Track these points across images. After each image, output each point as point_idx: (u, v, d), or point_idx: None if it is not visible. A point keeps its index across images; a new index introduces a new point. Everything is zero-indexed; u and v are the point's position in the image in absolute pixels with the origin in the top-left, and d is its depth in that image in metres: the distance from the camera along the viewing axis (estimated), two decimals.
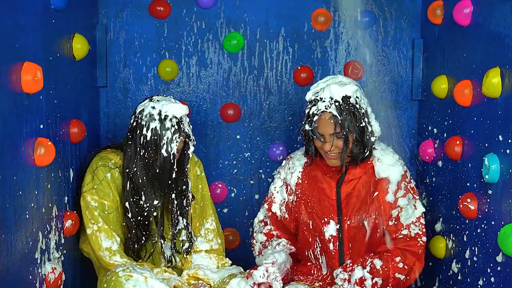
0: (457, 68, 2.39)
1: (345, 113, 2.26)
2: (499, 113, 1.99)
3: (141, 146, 2.31)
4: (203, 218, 2.55)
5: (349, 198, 2.39)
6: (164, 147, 2.28)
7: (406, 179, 2.42)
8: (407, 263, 2.34)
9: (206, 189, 2.59)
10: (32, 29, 1.98)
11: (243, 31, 2.90)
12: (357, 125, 2.28)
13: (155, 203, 2.36)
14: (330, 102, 2.27)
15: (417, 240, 2.38)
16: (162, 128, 2.29)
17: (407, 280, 2.36)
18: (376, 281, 2.29)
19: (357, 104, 2.29)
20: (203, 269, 2.42)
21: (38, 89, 1.93)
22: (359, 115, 2.29)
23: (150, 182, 2.34)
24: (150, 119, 2.30)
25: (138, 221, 2.36)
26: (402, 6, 2.89)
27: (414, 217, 2.39)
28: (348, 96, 2.28)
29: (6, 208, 1.75)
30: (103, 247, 2.30)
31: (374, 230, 2.38)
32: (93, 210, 2.31)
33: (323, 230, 2.39)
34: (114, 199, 2.36)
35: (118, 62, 2.87)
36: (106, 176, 2.35)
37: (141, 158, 2.32)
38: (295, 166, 2.49)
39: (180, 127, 2.31)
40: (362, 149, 2.34)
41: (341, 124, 2.26)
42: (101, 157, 2.41)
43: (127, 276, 2.11)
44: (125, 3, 2.85)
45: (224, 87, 2.93)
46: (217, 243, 2.54)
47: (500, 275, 1.98)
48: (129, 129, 2.38)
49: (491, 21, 2.08)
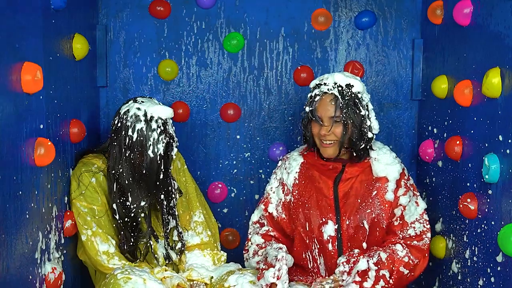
0: (457, 68, 2.39)
1: (347, 98, 2.29)
2: (499, 113, 1.99)
3: (127, 147, 2.31)
4: (191, 211, 2.55)
5: (347, 198, 2.39)
6: (151, 148, 2.29)
7: (405, 177, 2.43)
8: (412, 258, 2.34)
9: (190, 182, 2.58)
10: (32, 29, 1.98)
11: (243, 31, 2.90)
12: (358, 113, 2.30)
13: (142, 204, 2.36)
14: (333, 86, 2.32)
15: (423, 237, 2.38)
16: (148, 129, 2.29)
17: (411, 276, 2.35)
18: (383, 273, 2.27)
19: (359, 94, 2.33)
20: (196, 270, 2.40)
21: (38, 89, 1.93)
22: (361, 104, 2.32)
23: (137, 183, 2.34)
24: (135, 120, 2.30)
25: (126, 222, 2.36)
26: (402, 6, 2.89)
27: (417, 214, 2.39)
28: (351, 85, 2.32)
29: (6, 208, 1.75)
30: (100, 251, 2.29)
31: (374, 229, 2.38)
32: (85, 215, 2.31)
33: (322, 231, 2.38)
34: (102, 203, 2.35)
35: (118, 62, 2.87)
36: (91, 181, 2.34)
37: (127, 159, 2.31)
38: (292, 166, 2.49)
39: (166, 128, 2.32)
40: (359, 141, 2.33)
41: (341, 108, 2.28)
42: (84, 162, 2.40)
43: (126, 279, 2.10)
44: (125, 3, 2.85)
45: (224, 87, 2.93)
46: (206, 235, 2.53)
47: (500, 275, 1.98)
48: (112, 129, 2.37)
49: (491, 21, 2.08)
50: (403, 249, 2.33)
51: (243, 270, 2.36)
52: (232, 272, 2.35)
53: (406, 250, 2.33)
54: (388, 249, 2.34)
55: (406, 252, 2.33)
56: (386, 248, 2.34)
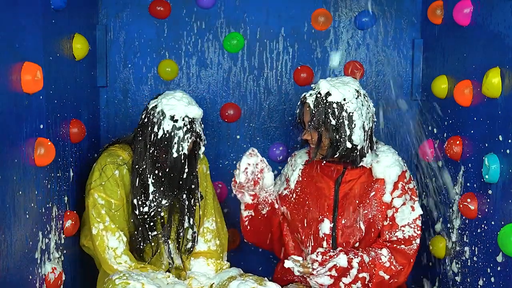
0: (457, 68, 2.39)
1: (320, 106, 2.28)
2: (499, 113, 1.99)
3: (151, 144, 2.28)
4: (204, 217, 2.52)
5: (346, 198, 2.39)
6: (175, 147, 2.26)
7: (404, 180, 2.40)
8: (395, 264, 2.32)
9: (210, 187, 2.55)
10: (32, 29, 1.98)
11: (243, 31, 2.90)
12: (328, 122, 2.28)
13: (163, 203, 2.33)
14: (313, 93, 2.32)
15: (411, 243, 2.34)
16: (173, 128, 2.26)
17: (394, 282, 2.33)
18: (364, 276, 2.27)
19: (335, 104, 2.27)
20: (196, 279, 2.38)
21: (38, 89, 1.93)
22: (334, 114, 2.28)
23: (159, 181, 2.31)
24: (162, 117, 2.27)
25: (145, 219, 2.33)
26: (402, 6, 2.89)
27: (410, 219, 2.36)
28: (330, 93, 2.29)
29: (6, 208, 1.75)
30: (109, 246, 2.26)
31: (369, 231, 2.37)
32: (100, 208, 2.28)
33: (318, 228, 2.39)
34: (120, 197, 2.32)
35: (118, 62, 2.87)
36: (114, 174, 2.31)
37: (151, 155, 2.28)
38: (297, 163, 2.51)
39: (192, 127, 2.29)
40: (336, 149, 2.31)
41: (312, 115, 2.29)
42: (110, 153, 2.37)
43: (124, 284, 2.09)
44: (125, 3, 2.85)
45: (224, 87, 2.93)
46: (215, 244, 2.50)
47: (500, 275, 1.98)
48: (139, 124, 2.35)
49: (491, 21, 2.08)
50: (387, 253, 2.33)
51: (245, 276, 2.33)
52: (233, 278, 2.31)
53: (389, 255, 2.33)
54: (373, 251, 2.33)
55: (389, 257, 2.32)
56: (370, 251, 2.34)
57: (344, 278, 2.24)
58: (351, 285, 2.26)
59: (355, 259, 2.27)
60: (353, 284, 2.26)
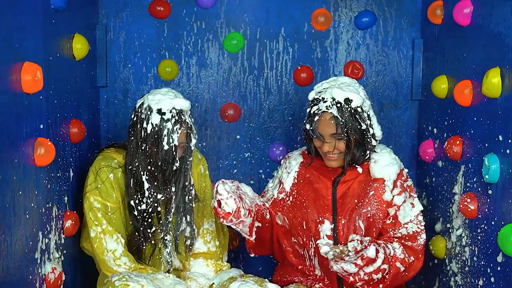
0: (457, 68, 2.39)
1: (346, 114, 2.26)
2: (499, 113, 1.99)
3: (142, 140, 2.28)
4: (203, 217, 2.51)
5: (344, 198, 2.38)
6: (165, 139, 2.26)
7: (402, 178, 2.41)
8: (407, 256, 2.31)
9: (209, 188, 2.55)
10: (32, 29, 1.98)
11: (243, 31, 2.90)
12: (358, 128, 2.29)
13: (159, 197, 2.33)
14: (331, 103, 2.27)
15: (416, 238, 2.35)
16: (162, 120, 2.26)
17: (405, 275, 2.33)
18: (385, 267, 2.25)
19: (358, 108, 2.29)
20: (195, 279, 2.38)
21: (38, 89, 1.93)
22: (361, 117, 2.29)
23: (152, 176, 2.31)
24: (149, 112, 2.27)
25: (144, 218, 2.33)
26: (402, 6, 2.89)
27: (412, 215, 2.37)
28: (350, 99, 2.28)
29: (6, 208, 1.75)
30: (108, 249, 2.26)
31: (369, 229, 2.37)
32: (97, 211, 2.29)
33: (318, 230, 2.38)
34: (116, 200, 2.32)
35: (118, 62, 2.87)
36: (109, 177, 2.32)
37: (143, 152, 2.28)
38: (292, 165, 2.49)
39: (181, 118, 2.29)
40: (363, 151, 2.34)
41: (342, 125, 2.26)
42: (104, 156, 2.38)
43: (124, 285, 2.09)
44: (125, 3, 2.85)
45: (224, 87, 2.93)
46: (214, 245, 2.49)
47: (500, 275, 1.98)
48: (129, 125, 2.36)
49: (491, 21, 2.08)
50: (399, 246, 2.32)
51: (245, 277, 2.32)
52: (234, 279, 2.31)
53: (401, 248, 2.32)
54: (390, 244, 2.32)
55: (402, 249, 2.32)
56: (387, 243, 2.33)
57: (366, 268, 2.22)
58: (372, 275, 2.23)
59: (381, 251, 2.24)
60: (374, 274, 2.23)
